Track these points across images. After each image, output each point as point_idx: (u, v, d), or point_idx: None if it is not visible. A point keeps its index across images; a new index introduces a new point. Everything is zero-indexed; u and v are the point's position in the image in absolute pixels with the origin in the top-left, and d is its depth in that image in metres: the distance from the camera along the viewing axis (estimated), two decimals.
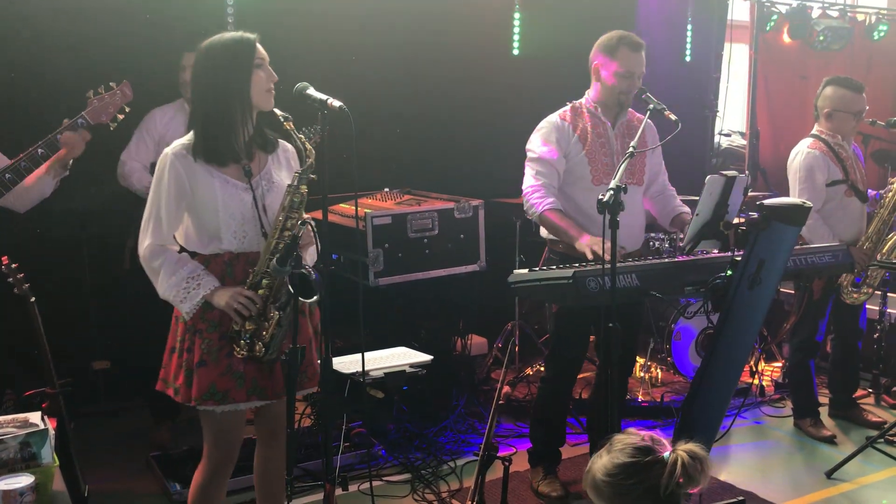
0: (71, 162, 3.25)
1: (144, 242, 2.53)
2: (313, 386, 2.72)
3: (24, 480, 1.85)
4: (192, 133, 2.54)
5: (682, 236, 3.53)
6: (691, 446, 1.80)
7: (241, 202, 2.52)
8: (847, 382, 4.64)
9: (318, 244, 2.47)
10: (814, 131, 4.34)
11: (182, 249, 2.59)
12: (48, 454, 2.05)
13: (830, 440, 4.33)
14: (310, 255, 2.68)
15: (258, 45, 2.53)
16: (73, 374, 3.47)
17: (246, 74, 2.48)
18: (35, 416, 2.16)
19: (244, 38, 2.51)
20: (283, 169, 2.68)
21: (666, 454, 1.77)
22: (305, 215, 2.50)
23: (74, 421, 3.31)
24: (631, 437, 1.84)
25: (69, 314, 4.18)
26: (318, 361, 2.63)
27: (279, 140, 2.69)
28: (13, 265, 2.95)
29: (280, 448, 2.79)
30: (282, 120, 2.52)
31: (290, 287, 2.39)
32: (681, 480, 1.74)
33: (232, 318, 2.48)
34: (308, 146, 2.51)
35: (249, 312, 2.47)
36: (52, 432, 2.10)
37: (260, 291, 2.50)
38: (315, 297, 2.44)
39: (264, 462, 2.84)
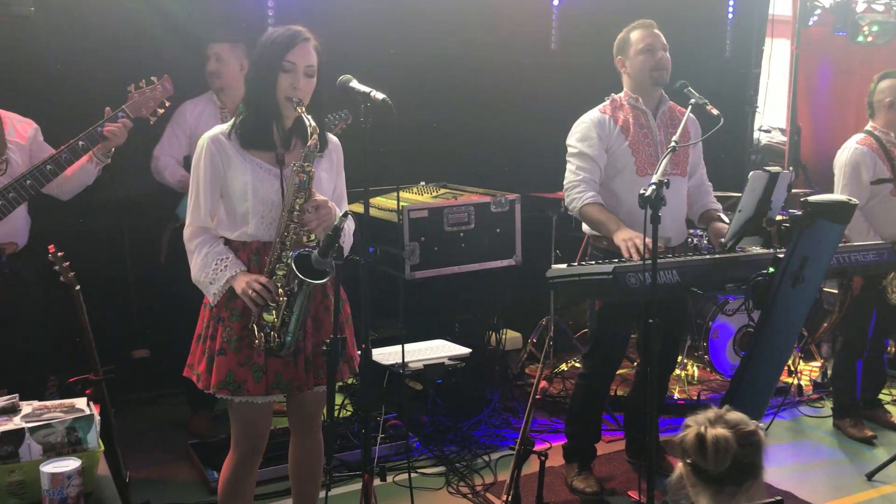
0: (112, 150, 3.29)
1: (188, 223, 2.59)
2: (344, 377, 2.72)
3: (71, 464, 1.88)
4: (233, 119, 2.59)
5: (705, 234, 3.49)
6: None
7: (270, 187, 2.52)
8: (873, 381, 4.56)
9: (348, 239, 2.46)
10: (867, 127, 4.27)
11: None
12: (94, 439, 2.08)
13: (870, 441, 4.26)
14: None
15: (302, 46, 2.50)
16: (114, 362, 3.52)
17: (270, 74, 2.48)
18: (81, 402, 2.20)
19: (284, 35, 2.50)
20: (324, 164, 2.66)
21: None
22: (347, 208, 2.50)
23: (115, 408, 3.36)
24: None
25: (110, 303, 4.24)
26: (357, 352, 2.65)
27: (329, 136, 2.69)
28: (59, 254, 3.00)
29: (316, 443, 2.79)
30: (294, 105, 2.50)
31: (295, 271, 2.38)
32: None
33: (247, 304, 2.48)
34: (312, 123, 2.48)
35: (264, 301, 2.46)
36: (97, 418, 2.13)
37: (274, 279, 2.48)
38: (326, 279, 2.44)
39: (300, 456, 2.83)
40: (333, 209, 2.55)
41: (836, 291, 4.74)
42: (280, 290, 2.45)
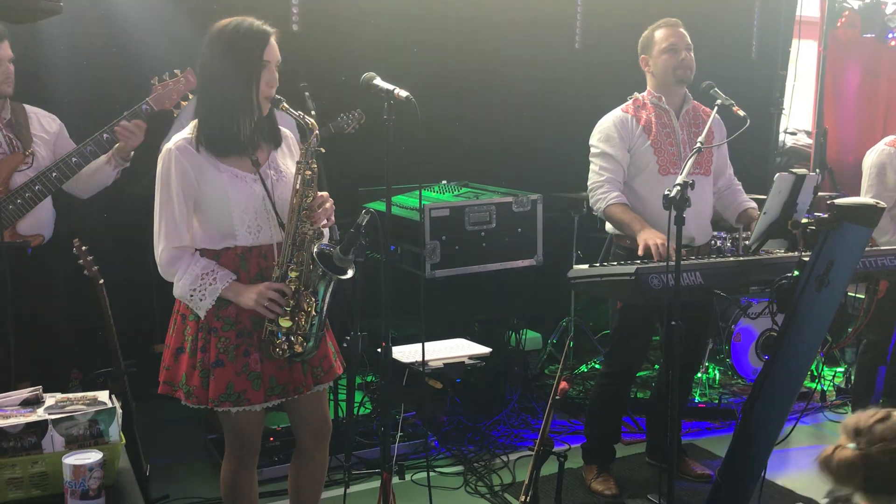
0: (131, 153, 3.29)
1: (160, 247, 2.40)
2: (330, 380, 2.63)
3: (93, 456, 1.89)
4: (193, 124, 2.42)
5: (746, 235, 3.46)
6: None
7: (252, 195, 2.41)
8: (893, 385, 4.50)
9: (363, 238, 2.39)
10: None
11: None
12: (115, 432, 2.09)
13: None
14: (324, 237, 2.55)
15: (272, 42, 2.39)
16: (135, 357, 3.55)
17: (253, 72, 2.36)
18: (103, 395, 2.21)
19: (259, 31, 2.38)
20: (288, 157, 2.57)
21: None
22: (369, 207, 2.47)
23: (136, 402, 3.38)
24: None
25: (133, 297, 4.27)
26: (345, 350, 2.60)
27: (281, 129, 2.58)
28: (84, 248, 3.03)
29: (323, 451, 2.71)
30: (275, 103, 2.42)
31: (320, 269, 2.32)
32: None
33: (266, 316, 2.37)
34: (310, 120, 2.40)
35: (280, 307, 2.37)
36: (119, 411, 2.14)
37: (289, 283, 2.40)
38: (351, 273, 2.36)
39: (305, 467, 2.73)
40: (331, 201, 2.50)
41: (861, 296, 4.68)
42: (295, 292, 2.39)
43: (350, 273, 2.38)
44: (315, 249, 2.39)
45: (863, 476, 1.75)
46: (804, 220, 2.95)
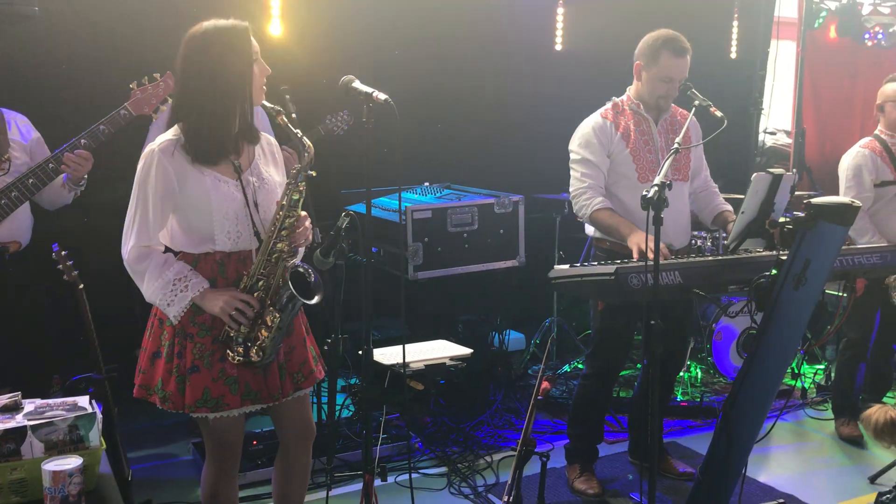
0: (85, 178, 3.26)
1: (128, 244, 2.39)
2: (311, 385, 2.62)
3: (72, 462, 1.88)
4: (176, 127, 2.40)
5: (724, 234, 3.49)
6: None
7: (233, 200, 2.40)
8: (878, 384, 4.55)
9: (342, 242, 2.41)
10: (875, 131, 4.28)
11: (167, 249, 2.48)
12: (95, 437, 2.09)
13: (858, 441, 4.27)
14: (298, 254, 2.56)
15: (252, 37, 2.40)
16: (117, 361, 3.53)
17: (248, 67, 2.36)
18: (83, 400, 2.20)
19: (240, 27, 2.37)
20: (270, 164, 2.56)
21: None
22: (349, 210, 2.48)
23: (118, 406, 3.37)
24: None
25: (114, 301, 4.25)
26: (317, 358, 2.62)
27: (260, 132, 2.57)
28: (63, 252, 3.01)
29: (306, 453, 2.71)
30: (273, 115, 2.43)
31: (291, 288, 2.32)
32: None
33: (227, 323, 2.38)
34: (307, 142, 2.41)
35: (246, 318, 2.37)
36: (99, 416, 2.13)
37: (255, 294, 2.40)
38: (316, 299, 2.36)
39: (288, 470, 2.72)
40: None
41: (838, 294, 4.73)
42: (260, 303, 2.39)
43: (316, 299, 2.37)
44: (290, 270, 2.38)
45: None
46: (781, 220, 2.98)
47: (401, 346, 2.72)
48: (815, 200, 2.86)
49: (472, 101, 5.28)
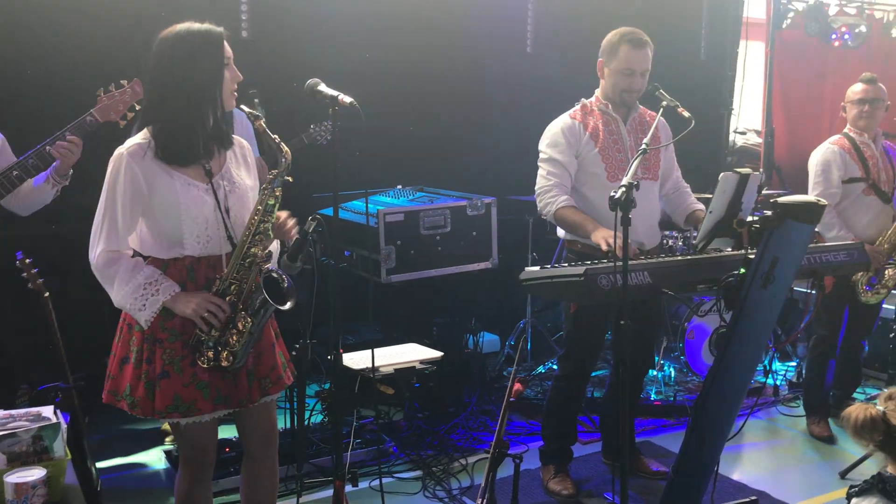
0: (70, 171, 3.23)
1: (97, 249, 2.36)
2: (279, 391, 2.61)
3: (35, 473, 1.86)
4: (146, 131, 2.38)
5: (696, 234, 3.51)
6: None
7: (203, 205, 2.39)
8: (847, 380, 4.61)
9: (313, 248, 2.39)
10: (844, 129, 4.34)
11: (135, 254, 2.46)
12: (60, 448, 2.07)
13: (829, 440, 4.32)
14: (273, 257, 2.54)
15: (225, 41, 2.40)
16: (88, 369, 3.49)
17: (219, 72, 2.35)
18: (48, 410, 2.18)
19: (215, 32, 2.37)
20: (242, 167, 2.55)
21: None
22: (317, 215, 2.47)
23: (89, 416, 3.33)
24: None
25: (83, 309, 4.20)
26: (284, 365, 2.61)
27: (233, 136, 2.56)
28: (27, 260, 2.97)
29: (272, 459, 2.70)
30: (251, 120, 2.43)
31: (264, 293, 2.32)
32: None
33: (199, 326, 2.36)
34: (284, 147, 2.40)
35: (218, 321, 2.36)
36: (64, 426, 2.11)
37: (228, 298, 2.39)
38: (289, 304, 2.35)
39: (255, 477, 2.70)
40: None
41: (807, 291, 4.78)
42: (232, 308, 2.38)
43: (289, 305, 2.36)
44: (263, 275, 2.36)
45: (882, 431, 2.19)
46: (749, 219, 3.00)
47: (370, 351, 2.71)
48: (781, 199, 2.88)
49: (443, 103, 5.28)
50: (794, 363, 5.45)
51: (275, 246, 2.58)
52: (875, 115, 4.25)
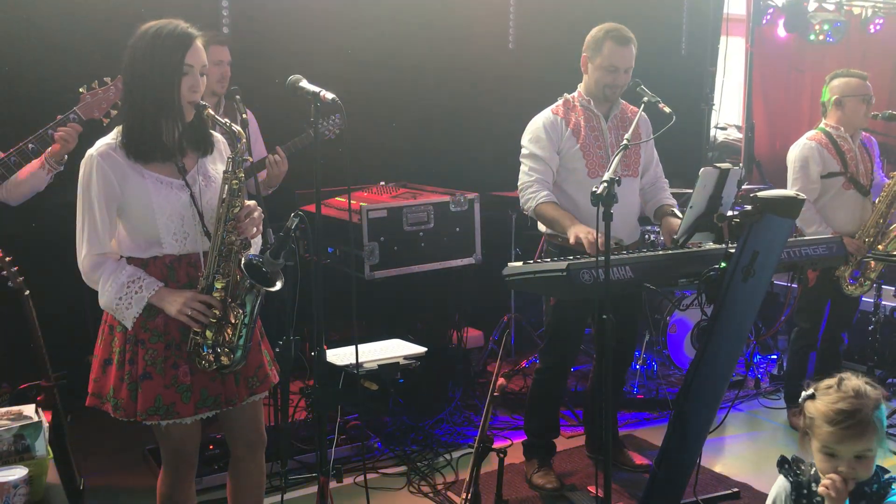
0: (65, 157, 3.23)
1: (82, 254, 2.36)
2: (266, 389, 2.60)
3: (17, 473, 1.85)
4: (116, 129, 2.38)
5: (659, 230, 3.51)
6: None
7: (177, 201, 2.37)
8: (827, 372, 4.63)
9: (296, 244, 2.38)
10: (820, 125, 4.36)
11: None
12: (42, 447, 2.06)
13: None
14: (255, 246, 2.52)
15: (196, 46, 2.34)
16: (70, 367, 3.46)
17: (172, 76, 2.30)
18: (29, 409, 2.16)
19: (182, 34, 2.33)
20: (219, 162, 2.52)
21: None
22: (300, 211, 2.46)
23: (71, 414, 3.31)
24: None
25: (65, 307, 4.18)
26: (271, 362, 2.60)
27: (214, 134, 2.55)
28: (7, 258, 2.95)
29: (258, 461, 2.69)
30: (200, 109, 2.38)
31: (248, 281, 2.30)
32: None
33: (187, 325, 2.35)
34: (237, 128, 2.37)
35: (207, 319, 2.35)
36: (45, 425, 2.10)
37: (215, 294, 2.37)
38: (278, 285, 2.34)
39: (242, 477, 2.70)
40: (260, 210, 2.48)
41: (787, 285, 4.81)
42: (222, 303, 2.36)
43: (278, 285, 2.36)
44: (243, 261, 2.35)
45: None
46: (729, 213, 3.03)
47: (354, 347, 2.71)
48: (761, 194, 2.91)
49: (426, 99, 5.28)
50: (774, 356, 5.49)
51: (257, 241, 2.56)
52: (869, 112, 4.29)
